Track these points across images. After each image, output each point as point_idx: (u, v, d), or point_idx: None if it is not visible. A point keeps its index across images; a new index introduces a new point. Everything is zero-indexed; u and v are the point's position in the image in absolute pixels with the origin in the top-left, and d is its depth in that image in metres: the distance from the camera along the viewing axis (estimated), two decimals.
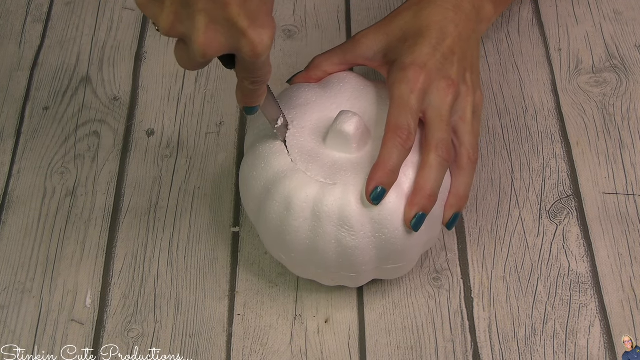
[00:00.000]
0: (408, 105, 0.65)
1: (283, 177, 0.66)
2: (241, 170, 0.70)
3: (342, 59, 0.73)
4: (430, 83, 0.67)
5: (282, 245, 0.67)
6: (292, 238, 0.66)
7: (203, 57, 0.55)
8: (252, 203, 0.69)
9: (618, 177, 0.78)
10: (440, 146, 0.65)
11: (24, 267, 0.76)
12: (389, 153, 0.64)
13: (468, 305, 0.72)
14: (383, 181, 0.63)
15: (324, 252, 0.65)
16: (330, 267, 0.67)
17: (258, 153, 0.68)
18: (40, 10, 0.95)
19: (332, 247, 0.65)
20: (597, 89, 0.84)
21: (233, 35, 0.54)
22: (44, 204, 0.80)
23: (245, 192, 0.69)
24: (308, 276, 0.71)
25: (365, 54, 0.72)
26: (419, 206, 0.64)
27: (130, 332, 0.72)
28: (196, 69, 0.59)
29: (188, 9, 0.53)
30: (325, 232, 0.65)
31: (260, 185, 0.67)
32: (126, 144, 0.83)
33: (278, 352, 0.70)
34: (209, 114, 0.85)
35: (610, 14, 0.90)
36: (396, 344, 0.70)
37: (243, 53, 0.55)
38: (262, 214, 0.67)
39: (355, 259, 0.65)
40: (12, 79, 0.89)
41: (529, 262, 0.73)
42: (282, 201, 0.65)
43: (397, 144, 0.64)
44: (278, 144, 0.67)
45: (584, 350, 0.69)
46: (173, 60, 0.88)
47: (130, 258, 0.76)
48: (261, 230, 0.69)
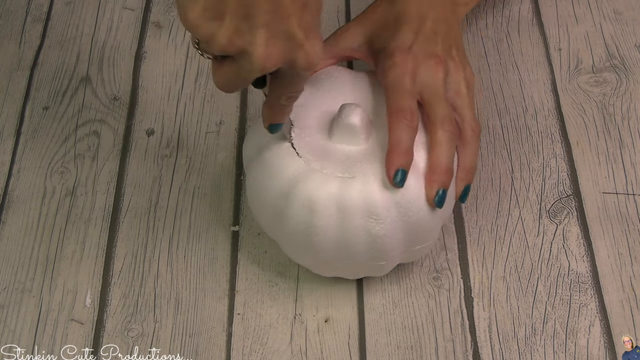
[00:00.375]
0: (403, 87, 0.67)
1: (300, 180, 0.65)
2: (249, 184, 0.69)
3: (328, 53, 0.73)
4: (419, 64, 0.68)
5: (309, 248, 0.67)
6: (320, 239, 0.65)
7: (262, 71, 0.55)
8: (267, 214, 0.68)
9: (618, 177, 0.78)
10: (444, 122, 0.67)
11: (23, 266, 0.76)
12: (399, 135, 0.65)
13: (468, 304, 0.72)
14: (402, 163, 0.64)
15: (355, 246, 0.65)
16: (360, 259, 0.67)
17: (266, 162, 0.66)
18: (40, 10, 0.95)
19: (362, 239, 0.65)
20: (597, 89, 0.84)
21: (291, 48, 0.55)
22: (43, 203, 0.79)
23: (259, 205, 0.69)
24: (333, 273, 0.71)
25: (350, 46, 0.73)
26: (438, 183, 0.65)
27: (130, 331, 0.72)
28: (237, 89, 0.60)
29: (249, 23, 0.54)
30: (354, 226, 0.65)
31: (276, 194, 0.66)
32: (126, 144, 0.83)
33: (278, 352, 0.70)
34: (209, 113, 0.85)
35: (610, 14, 0.90)
36: (396, 343, 0.70)
37: (298, 65, 0.56)
38: (284, 222, 0.66)
39: (385, 246, 0.66)
40: (12, 79, 0.89)
41: (529, 262, 0.73)
42: (304, 204, 0.64)
43: (404, 126, 0.65)
44: (285, 148, 0.66)
45: (584, 350, 0.69)
46: (173, 60, 0.90)
47: (130, 258, 0.76)
48: (284, 239, 0.69)
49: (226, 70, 0.58)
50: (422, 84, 0.68)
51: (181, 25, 0.91)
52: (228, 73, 0.58)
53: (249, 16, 0.54)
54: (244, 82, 0.59)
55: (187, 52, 0.90)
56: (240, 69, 0.57)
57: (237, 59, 0.56)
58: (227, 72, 0.58)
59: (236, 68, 0.57)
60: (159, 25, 0.93)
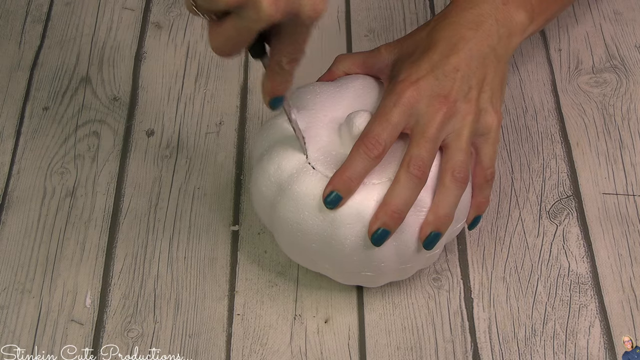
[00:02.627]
0: (386, 116, 0.65)
1: (298, 181, 0.65)
2: (277, 209, 0.67)
3: (360, 64, 0.72)
4: (419, 99, 0.65)
5: (331, 257, 0.67)
6: (344, 247, 0.65)
7: (268, 19, 0.54)
8: (286, 231, 0.67)
9: (618, 178, 0.78)
10: (412, 162, 0.64)
11: (23, 267, 0.76)
12: (351, 161, 0.64)
13: (468, 305, 0.72)
14: (339, 187, 0.63)
15: (381, 250, 0.65)
16: (390, 264, 0.67)
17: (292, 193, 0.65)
18: (40, 10, 0.95)
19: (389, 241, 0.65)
20: (597, 89, 0.84)
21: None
22: (43, 204, 0.79)
23: (274, 221, 0.68)
24: (355, 282, 0.71)
25: (378, 65, 0.71)
26: (380, 221, 0.63)
27: (130, 332, 0.72)
28: (238, 50, 0.58)
29: None
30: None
31: (300, 216, 0.65)
32: (126, 144, 0.83)
33: (278, 352, 0.70)
34: (209, 113, 0.85)
35: (610, 15, 0.90)
36: (396, 344, 0.70)
37: (303, 11, 0.55)
38: (305, 235, 0.66)
39: (409, 247, 0.66)
40: (12, 79, 0.89)
41: (529, 263, 0.73)
42: (326, 218, 0.64)
43: (361, 152, 0.63)
44: (303, 169, 0.66)
45: (584, 351, 0.69)
46: (173, 60, 0.90)
47: (130, 258, 0.76)
48: (307, 253, 0.68)
49: (227, 27, 0.56)
50: (415, 121, 0.65)
51: (181, 25, 0.92)
52: (229, 30, 0.56)
53: None
54: (246, 39, 0.57)
55: (187, 52, 0.90)
56: (243, 22, 0.55)
57: (239, 13, 0.55)
58: (228, 29, 0.56)
59: (239, 23, 0.55)
60: (159, 26, 0.93)
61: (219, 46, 0.58)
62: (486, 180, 0.69)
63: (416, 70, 0.66)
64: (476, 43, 0.68)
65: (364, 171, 0.64)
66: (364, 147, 0.64)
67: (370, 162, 0.64)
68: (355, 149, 0.64)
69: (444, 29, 0.68)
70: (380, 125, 0.64)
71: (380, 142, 0.64)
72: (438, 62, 0.67)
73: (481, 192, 0.69)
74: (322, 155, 0.66)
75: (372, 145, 0.64)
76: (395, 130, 0.65)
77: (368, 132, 0.64)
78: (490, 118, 0.68)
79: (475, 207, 0.69)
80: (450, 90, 0.66)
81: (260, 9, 0.53)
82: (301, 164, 0.66)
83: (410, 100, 0.65)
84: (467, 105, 0.66)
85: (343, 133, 0.67)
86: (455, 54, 0.67)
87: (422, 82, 0.66)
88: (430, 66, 0.66)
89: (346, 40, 0.90)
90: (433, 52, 0.67)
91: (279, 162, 0.66)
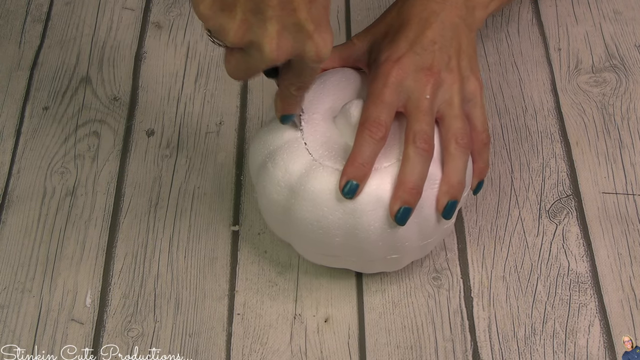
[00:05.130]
0: (379, 98, 0.66)
1: (309, 177, 0.66)
2: (293, 212, 0.67)
3: (336, 59, 0.73)
4: (406, 76, 0.67)
5: (357, 247, 0.67)
6: (370, 234, 0.66)
7: (272, 62, 0.56)
8: (307, 232, 0.67)
9: (617, 177, 0.78)
10: (417, 137, 0.65)
11: (23, 266, 0.76)
12: (359, 147, 0.65)
13: (468, 304, 0.72)
14: (353, 175, 0.64)
15: (404, 230, 0.66)
16: (413, 242, 0.67)
17: (306, 192, 0.65)
18: (40, 10, 0.95)
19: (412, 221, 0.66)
20: (597, 89, 0.84)
21: (300, 40, 0.56)
22: (43, 203, 0.80)
23: (290, 225, 0.68)
24: (380, 269, 0.72)
25: (354, 56, 0.72)
26: (401, 200, 0.64)
27: (130, 331, 0.72)
28: (248, 78, 0.61)
29: (259, 17, 0.55)
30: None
31: (319, 211, 0.65)
32: (126, 144, 0.83)
33: (278, 352, 0.70)
34: (209, 113, 0.85)
35: (610, 14, 0.90)
36: (396, 343, 0.70)
37: (307, 57, 0.57)
38: (327, 231, 0.66)
39: (429, 221, 0.67)
40: (12, 79, 0.89)
41: (529, 262, 0.73)
42: (347, 209, 0.65)
43: (366, 137, 0.65)
44: (312, 168, 0.66)
45: (583, 350, 0.69)
46: (173, 60, 0.90)
47: (130, 258, 0.76)
48: (328, 246, 0.68)
49: (237, 58, 0.58)
50: (406, 97, 0.67)
51: (181, 25, 0.92)
52: (239, 62, 0.58)
53: (258, 9, 0.54)
54: (254, 72, 0.59)
55: (187, 52, 0.90)
56: (250, 59, 0.57)
57: (246, 50, 0.57)
58: (238, 61, 0.58)
59: (246, 58, 0.57)
60: (159, 26, 0.93)
61: (232, 72, 0.60)
62: (483, 144, 0.70)
63: (395, 50, 0.68)
64: (446, 15, 0.70)
65: (373, 154, 0.65)
66: (368, 132, 0.65)
67: (376, 145, 0.65)
68: (359, 135, 0.65)
69: (413, 6, 0.70)
70: (377, 107, 0.65)
71: (382, 123, 0.65)
72: (414, 38, 0.68)
73: (480, 156, 0.70)
74: (326, 151, 0.66)
75: (375, 127, 0.65)
76: (391, 110, 0.66)
77: (367, 116, 0.65)
78: (473, 84, 0.69)
79: (477, 173, 0.70)
80: (432, 62, 0.67)
81: (263, 52, 0.56)
82: (309, 163, 0.66)
83: (397, 78, 0.66)
84: (451, 75, 0.68)
85: (341, 124, 0.67)
86: (429, 27, 0.69)
87: (404, 59, 0.67)
88: (408, 43, 0.68)
89: (346, 40, 0.90)
90: (408, 30, 0.69)
91: (286, 166, 0.66)
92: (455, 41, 0.70)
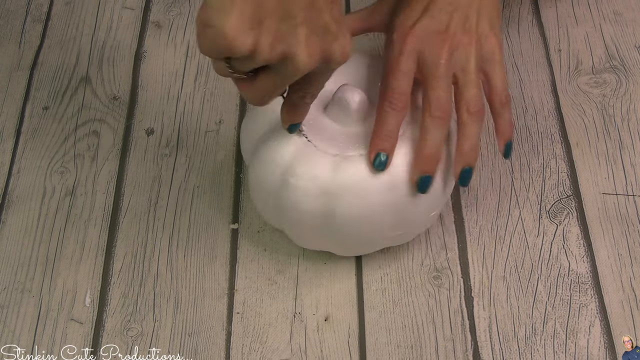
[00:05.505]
0: (396, 67, 0.66)
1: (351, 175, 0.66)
2: (289, 199, 0.67)
3: (361, 26, 0.73)
4: (421, 41, 0.67)
5: (370, 233, 0.68)
6: (379, 217, 0.67)
7: (306, 71, 0.55)
8: (309, 221, 0.68)
9: (618, 178, 0.78)
10: (432, 105, 0.65)
11: (23, 266, 0.76)
12: (382, 118, 0.65)
13: (468, 304, 0.71)
14: (383, 147, 0.65)
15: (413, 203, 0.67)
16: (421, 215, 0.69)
17: (295, 184, 0.66)
18: (40, 10, 0.95)
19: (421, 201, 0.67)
20: (597, 90, 0.84)
21: (328, 42, 0.55)
22: (43, 203, 0.79)
23: (298, 217, 0.68)
24: (385, 244, 0.73)
25: (377, 18, 0.72)
26: (420, 169, 0.65)
27: (130, 331, 0.71)
28: (273, 99, 0.59)
29: (289, 22, 0.53)
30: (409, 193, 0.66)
31: (318, 201, 0.66)
32: (126, 143, 0.83)
33: (277, 350, 0.70)
34: (208, 112, 0.85)
35: (610, 15, 0.90)
36: (396, 342, 0.70)
37: (334, 58, 0.56)
38: (333, 220, 0.67)
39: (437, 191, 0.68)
40: (12, 79, 0.89)
41: (529, 262, 0.73)
42: (356, 198, 0.65)
43: (387, 108, 0.65)
44: (308, 153, 0.66)
45: (584, 350, 0.69)
46: (172, 59, 0.90)
47: (129, 257, 0.76)
48: (337, 236, 0.69)
49: (263, 82, 0.57)
50: (422, 63, 0.66)
51: (181, 24, 0.92)
52: (265, 85, 0.57)
53: (288, 16, 0.53)
54: (282, 89, 0.58)
55: (186, 51, 0.90)
56: (279, 76, 0.56)
57: (274, 67, 0.55)
58: (264, 84, 0.57)
59: (276, 77, 0.56)
60: (158, 25, 0.93)
61: (257, 99, 0.59)
62: (503, 104, 0.69)
63: (410, 14, 0.68)
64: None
65: (397, 125, 0.65)
66: (389, 104, 0.65)
67: (399, 115, 0.65)
68: (380, 107, 0.66)
69: None
70: (395, 77, 0.66)
71: (402, 93, 0.66)
72: (429, 2, 0.68)
73: (502, 117, 0.69)
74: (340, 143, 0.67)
75: (396, 99, 0.65)
76: (409, 78, 0.66)
77: (386, 87, 0.66)
78: (491, 42, 0.69)
79: (502, 134, 0.70)
80: (448, 24, 0.67)
81: (298, 62, 0.54)
82: (331, 161, 0.66)
83: (412, 45, 0.67)
84: (467, 36, 0.68)
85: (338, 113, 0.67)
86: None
87: (418, 24, 0.67)
88: (423, 6, 0.68)
89: None
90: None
91: (311, 176, 0.66)
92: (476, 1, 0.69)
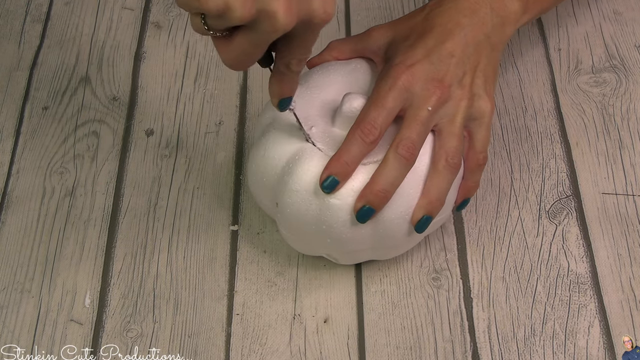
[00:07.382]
0: (381, 101, 0.65)
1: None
2: (292, 204, 0.67)
3: (352, 48, 0.73)
4: (414, 83, 0.66)
5: (380, 238, 0.68)
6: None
7: (285, 29, 0.54)
8: (310, 224, 0.68)
9: (617, 178, 0.78)
10: (401, 144, 0.65)
11: (23, 267, 0.76)
12: (347, 145, 0.65)
13: (467, 305, 0.72)
14: (337, 172, 0.64)
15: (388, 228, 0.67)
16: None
17: (296, 186, 0.66)
18: (40, 10, 0.95)
19: None
20: (597, 89, 0.84)
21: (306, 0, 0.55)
22: (43, 203, 0.79)
23: (301, 221, 0.68)
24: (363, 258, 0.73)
25: (372, 47, 0.72)
26: (365, 199, 0.65)
27: (129, 332, 0.72)
28: (251, 63, 0.58)
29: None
30: None
31: (313, 207, 0.66)
32: (125, 144, 0.83)
33: (277, 352, 0.70)
34: (208, 113, 0.85)
35: (610, 14, 0.90)
36: (395, 344, 0.70)
37: (315, 15, 0.55)
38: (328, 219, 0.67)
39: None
40: (11, 79, 0.89)
41: (528, 263, 0.73)
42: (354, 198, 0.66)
43: (357, 137, 0.64)
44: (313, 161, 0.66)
45: (583, 351, 0.69)
46: (172, 60, 0.90)
47: (129, 258, 0.76)
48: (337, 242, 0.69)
49: (240, 42, 0.56)
50: (409, 104, 0.66)
51: (181, 25, 0.92)
52: (242, 45, 0.56)
53: None
54: (261, 50, 0.57)
55: (186, 52, 0.90)
56: (257, 35, 0.55)
57: (251, 26, 0.55)
58: (241, 44, 0.56)
59: (253, 36, 0.55)
60: (158, 25, 0.93)
61: (233, 61, 0.58)
62: (478, 164, 0.69)
63: (411, 55, 0.67)
64: (471, 30, 0.69)
65: (360, 155, 0.65)
66: (360, 132, 0.64)
67: (366, 147, 0.65)
68: (351, 133, 0.65)
69: (440, 15, 0.69)
70: (376, 110, 0.65)
71: (376, 127, 0.65)
72: (433, 47, 0.68)
73: (472, 176, 0.70)
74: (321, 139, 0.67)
75: (368, 130, 0.65)
76: (390, 115, 0.66)
77: (364, 117, 0.65)
78: (484, 103, 0.69)
79: (464, 190, 0.70)
80: (445, 75, 0.67)
81: (276, 20, 0.53)
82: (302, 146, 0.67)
83: (405, 84, 0.66)
84: (461, 91, 0.67)
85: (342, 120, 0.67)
86: (450, 39, 0.68)
87: (418, 66, 0.67)
88: (426, 51, 0.67)
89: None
90: (429, 38, 0.68)
91: (305, 176, 0.67)
92: (475, 58, 0.69)
